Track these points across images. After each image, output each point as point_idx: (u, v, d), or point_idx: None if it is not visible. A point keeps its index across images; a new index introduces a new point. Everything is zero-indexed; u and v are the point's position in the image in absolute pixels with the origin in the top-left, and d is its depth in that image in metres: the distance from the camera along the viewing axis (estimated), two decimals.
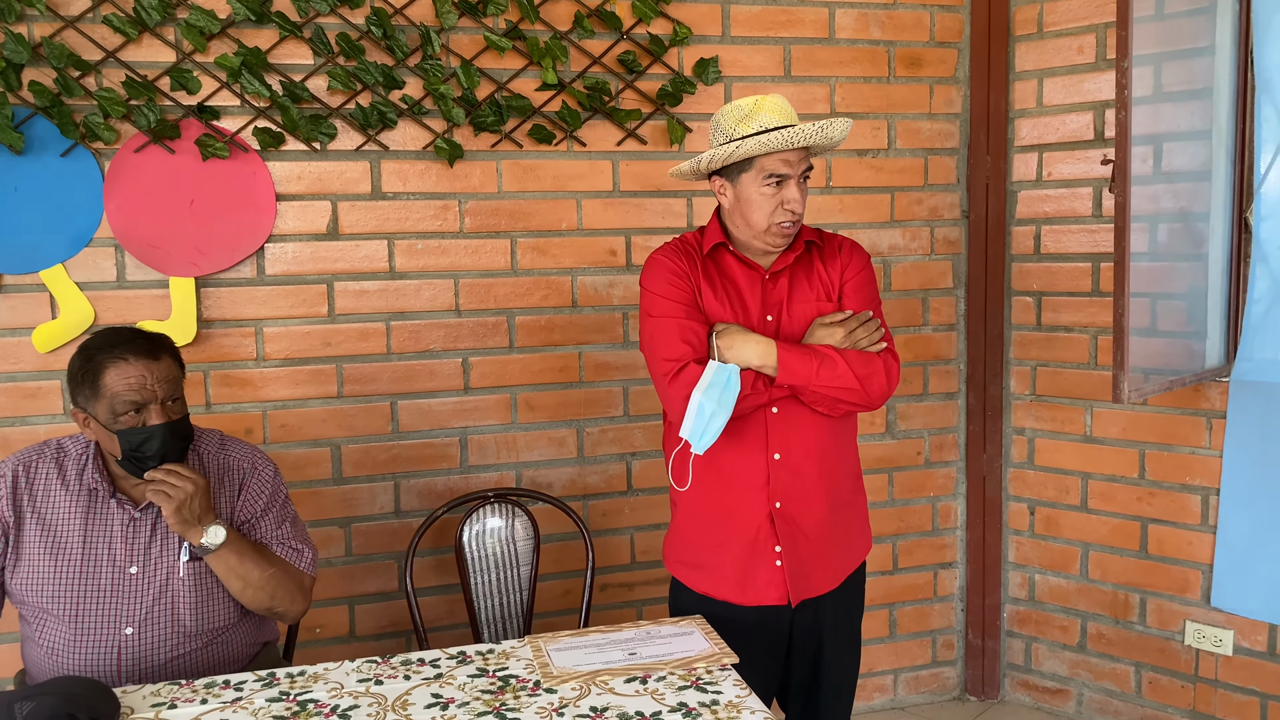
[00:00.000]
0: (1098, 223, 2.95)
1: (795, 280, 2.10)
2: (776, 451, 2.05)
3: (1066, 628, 3.14)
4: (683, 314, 2.02)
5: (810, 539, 2.09)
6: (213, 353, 2.60)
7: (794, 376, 1.96)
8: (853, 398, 2.00)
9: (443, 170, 2.71)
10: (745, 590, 2.08)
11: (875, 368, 2.01)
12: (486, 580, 2.49)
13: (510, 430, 2.82)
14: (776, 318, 2.08)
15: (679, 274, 2.05)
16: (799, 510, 2.08)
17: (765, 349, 1.97)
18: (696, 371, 1.95)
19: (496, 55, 2.70)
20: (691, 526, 2.15)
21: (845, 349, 2.00)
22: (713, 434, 1.93)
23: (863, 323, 2.05)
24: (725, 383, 1.92)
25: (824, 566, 2.12)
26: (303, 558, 2.08)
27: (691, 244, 2.13)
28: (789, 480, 2.07)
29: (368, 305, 2.69)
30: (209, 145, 2.51)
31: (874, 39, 3.01)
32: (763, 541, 2.07)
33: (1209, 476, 2.81)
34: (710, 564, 2.11)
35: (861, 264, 2.13)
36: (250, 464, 2.08)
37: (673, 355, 2.00)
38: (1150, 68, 2.54)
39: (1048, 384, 3.09)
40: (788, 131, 1.92)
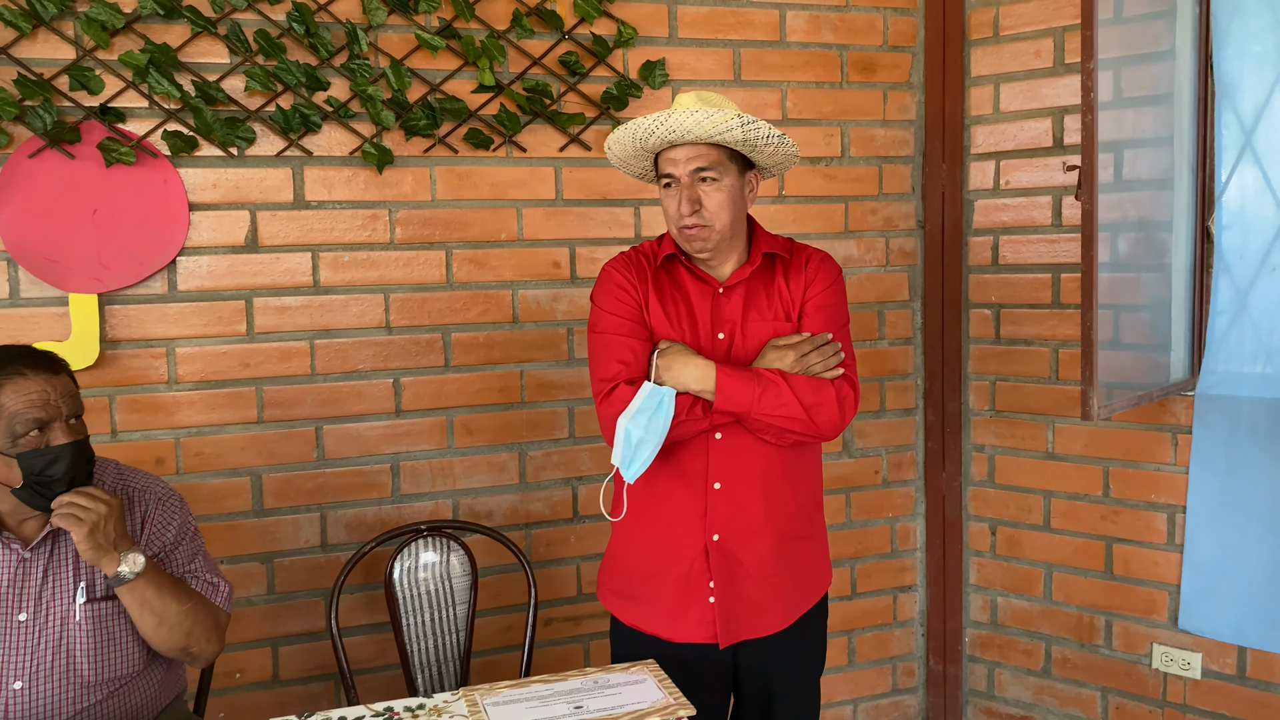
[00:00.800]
0: (1057, 232, 2.86)
1: (752, 296, 1.96)
2: (717, 481, 1.91)
3: (1030, 652, 3.03)
4: (624, 330, 1.89)
5: (752, 576, 1.95)
6: (119, 375, 2.38)
7: (732, 403, 1.83)
8: (799, 428, 1.86)
9: (371, 177, 2.52)
10: (675, 626, 1.95)
11: (825, 396, 1.86)
12: (420, 621, 2.30)
13: (446, 455, 2.64)
14: (729, 336, 1.94)
15: (625, 287, 1.92)
16: (740, 545, 1.93)
17: (704, 372, 1.83)
18: (627, 394, 1.82)
19: (429, 55, 2.52)
20: (625, 555, 2.02)
21: (795, 374, 1.86)
22: (642, 462, 1.79)
23: (817, 346, 1.90)
24: (656, 408, 1.79)
25: (766, 607, 1.97)
26: (219, 592, 1.89)
27: (646, 254, 2.00)
28: (729, 512, 1.93)
29: (290, 323, 2.50)
30: (113, 150, 2.30)
31: (826, 42, 2.89)
32: (696, 576, 1.93)
33: (1175, 494, 2.72)
34: (642, 595, 1.99)
35: (828, 281, 1.98)
36: (153, 494, 1.89)
37: (606, 375, 1.87)
38: (1110, 72, 2.44)
39: (1008, 399, 2.98)
40: (631, 125, 1.84)
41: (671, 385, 1.83)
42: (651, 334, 1.92)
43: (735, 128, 1.81)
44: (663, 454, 1.88)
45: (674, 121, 1.80)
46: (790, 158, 1.96)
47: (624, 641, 2.04)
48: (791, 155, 1.95)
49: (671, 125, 1.81)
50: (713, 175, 1.86)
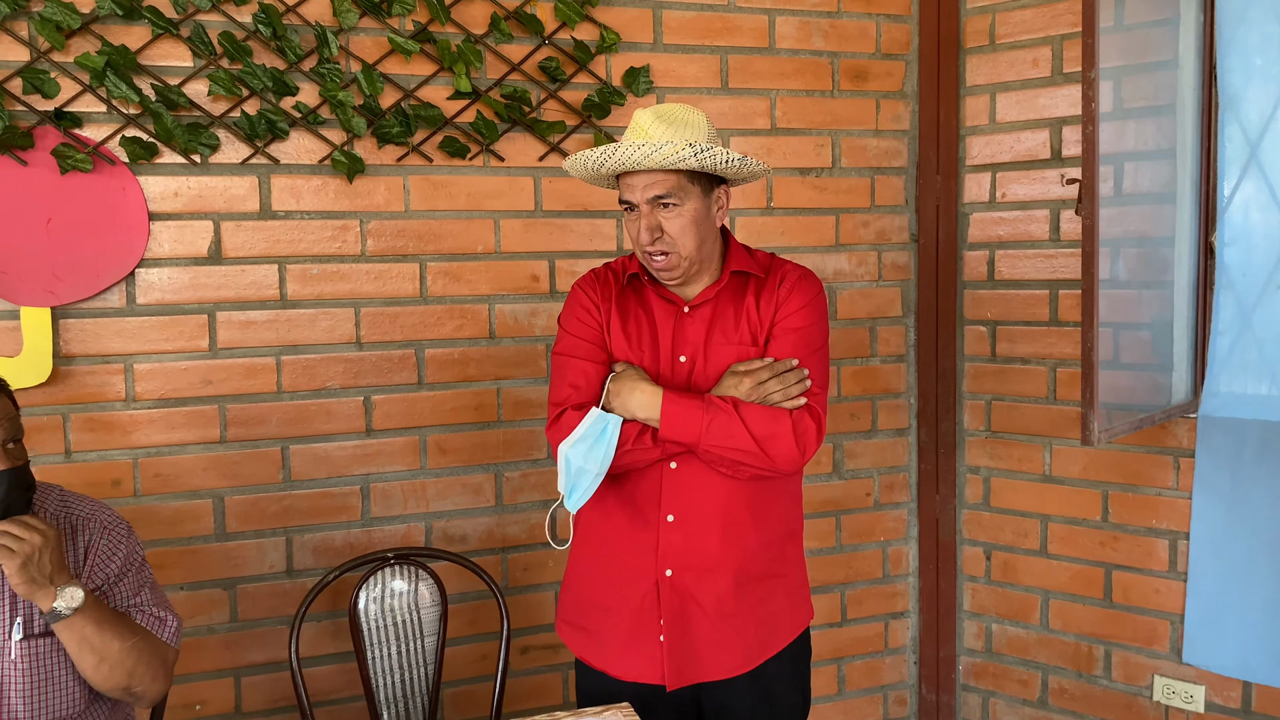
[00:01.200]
0: (1055, 247, 2.76)
1: (718, 317, 1.84)
2: (670, 513, 1.81)
3: (1026, 681, 2.92)
4: (581, 352, 1.82)
5: (709, 615, 1.83)
6: (73, 393, 2.27)
7: (677, 432, 1.73)
8: (751, 461, 1.74)
9: (341, 186, 2.42)
10: (626, 664, 1.86)
11: (781, 428, 1.74)
12: (386, 654, 2.19)
13: (419, 476, 2.53)
14: (691, 360, 1.83)
15: (588, 307, 1.86)
16: (695, 582, 1.83)
17: (650, 399, 1.74)
18: (573, 420, 1.74)
19: (403, 60, 2.42)
20: (579, 585, 1.95)
21: (749, 403, 1.74)
22: (582, 492, 1.72)
23: (778, 373, 1.77)
24: (599, 435, 1.70)
25: (726, 648, 1.85)
26: (166, 627, 1.78)
27: (615, 270, 1.92)
28: (683, 546, 1.82)
29: (255, 338, 2.39)
30: (68, 156, 2.19)
31: (817, 50, 2.79)
32: (647, 613, 1.84)
33: (1177, 519, 2.62)
34: (595, 629, 1.90)
35: (802, 301, 1.84)
36: (98, 522, 1.77)
37: (556, 399, 1.81)
38: (1110, 82, 2.35)
39: (1004, 419, 2.88)
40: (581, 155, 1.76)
41: (619, 412, 1.76)
42: (611, 356, 1.84)
43: (688, 158, 1.70)
44: (617, 483, 1.81)
45: (621, 155, 1.71)
46: (757, 174, 1.85)
47: (583, 677, 1.96)
48: (758, 173, 1.83)
49: (619, 159, 1.72)
50: (672, 201, 1.75)
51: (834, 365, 2.88)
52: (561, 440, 1.75)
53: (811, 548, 2.90)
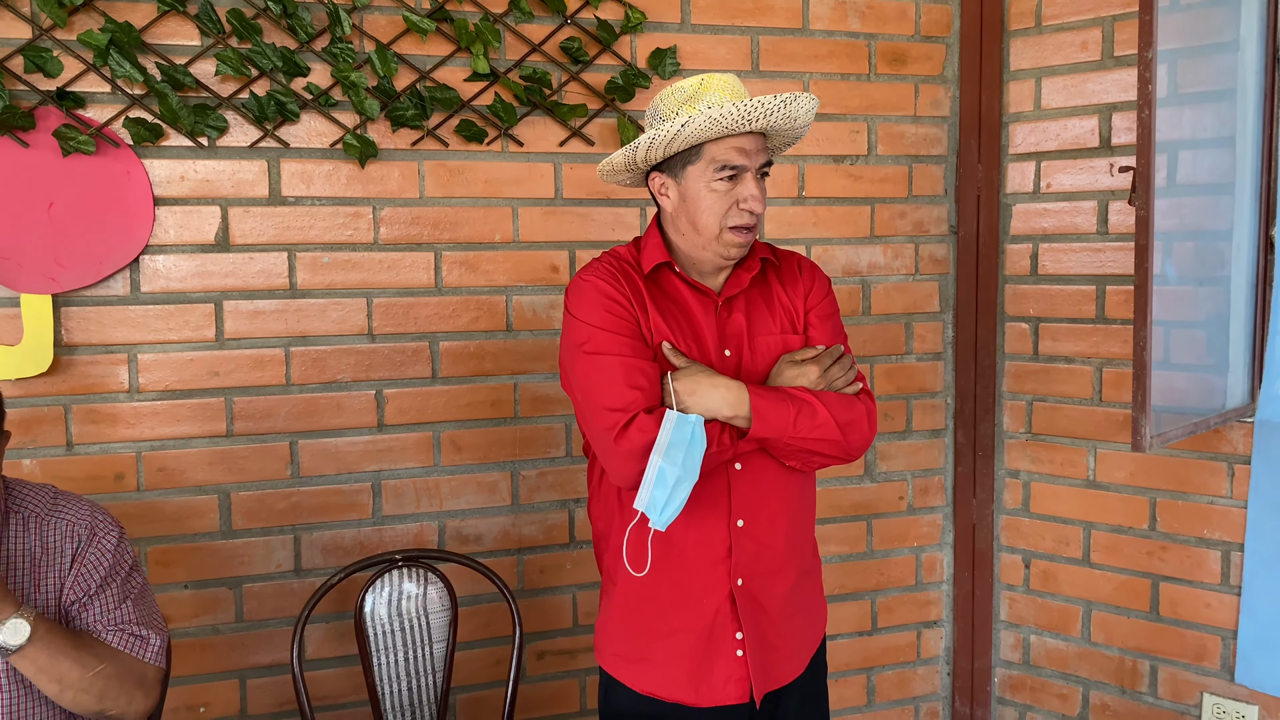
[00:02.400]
0: (1103, 240, 2.61)
1: (753, 307, 1.75)
2: (740, 518, 1.69)
3: (1066, 696, 2.78)
4: (629, 350, 1.63)
5: (774, 621, 1.74)
6: (75, 383, 2.19)
7: (770, 428, 1.61)
8: (833, 450, 1.66)
9: (354, 171, 2.32)
10: (700, 689, 1.71)
11: (857, 414, 1.67)
12: (393, 660, 2.10)
13: (432, 474, 2.43)
14: (736, 353, 1.72)
15: (618, 299, 1.68)
16: (762, 587, 1.72)
17: (737, 395, 1.61)
18: (649, 425, 1.56)
19: (418, 39, 2.32)
20: (634, 613, 1.76)
21: (821, 392, 1.66)
22: (677, 505, 1.55)
23: (835, 359, 1.71)
24: (690, 439, 1.54)
25: (789, 652, 1.77)
26: (147, 646, 1.68)
27: (629, 261, 1.76)
28: (754, 551, 1.71)
29: (263, 328, 2.30)
30: (71, 138, 2.11)
31: (853, 31, 2.66)
32: (721, 628, 1.71)
33: (1230, 530, 2.47)
34: (657, 657, 1.73)
35: (826, 288, 1.81)
36: (89, 529, 1.68)
37: (617, 404, 1.60)
38: (1165, 65, 2.20)
39: (1045, 421, 2.74)
40: (742, 105, 1.57)
41: (698, 411, 1.60)
42: (655, 353, 1.69)
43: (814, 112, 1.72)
44: None
45: (793, 109, 1.63)
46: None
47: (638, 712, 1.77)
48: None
49: (791, 111, 1.63)
50: (768, 171, 1.71)
51: (867, 363, 2.77)
52: (642, 449, 1.56)
53: (841, 553, 2.78)
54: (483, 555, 2.45)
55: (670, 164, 1.69)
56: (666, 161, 1.69)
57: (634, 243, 1.80)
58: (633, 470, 1.58)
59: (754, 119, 1.60)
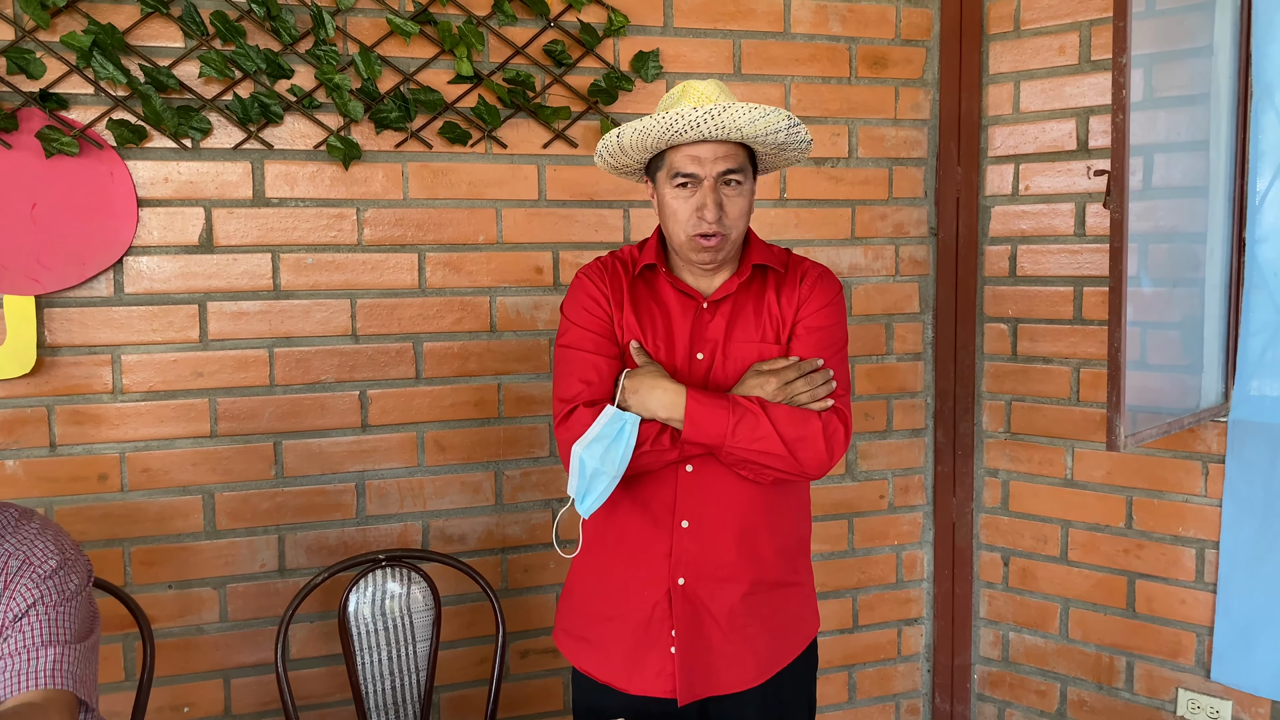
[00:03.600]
0: (1080, 242, 2.65)
1: (738, 313, 1.76)
2: (685, 519, 1.72)
3: (1044, 692, 2.81)
4: (590, 345, 1.71)
5: (721, 626, 1.75)
6: (58, 384, 2.20)
7: (702, 434, 1.63)
8: (778, 464, 1.66)
9: (338, 173, 2.33)
10: (631, 676, 1.76)
11: (811, 430, 1.66)
12: (376, 659, 2.11)
13: (416, 474, 2.45)
14: (709, 357, 1.74)
15: (596, 298, 1.74)
16: (708, 591, 1.74)
17: (673, 398, 1.64)
18: (586, 418, 1.64)
19: (402, 42, 2.33)
20: (582, 592, 1.84)
21: (776, 404, 1.66)
22: (596, 496, 1.62)
23: (805, 373, 1.70)
24: (615, 436, 1.60)
25: (738, 660, 1.77)
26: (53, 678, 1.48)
27: (625, 260, 1.81)
28: (698, 554, 1.73)
29: (247, 329, 2.31)
30: (54, 139, 2.12)
31: (834, 35, 2.69)
32: (658, 623, 1.74)
33: (1204, 528, 2.51)
34: (598, 640, 1.80)
35: (824, 300, 1.78)
36: (24, 557, 1.53)
37: (566, 394, 1.70)
38: (1141, 70, 2.23)
39: (1024, 421, 2.77)
40: (666, 115, 1.60)
41: (637, 410, 1.66)
42: (622, 351, 1.74)
43: (783, 129, 1.66)
44: (628, 486, 1.71)
45: (726, 118, 1.60)
46: (796, 162, 1.82)
47: (581, 690, 1.86)
48: (799, 160, 1.81)
49: (721, 122, 1.61)
50: (738, 179, 1.69)
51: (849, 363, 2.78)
52: (574, 440, 1.64)
53: (822, 551, 2.80)
54: (466, 555, 2.47)
55: (652, 169, 1.74)
56: (650, 165, 1.74)
57: (641, 243, 1.84)
58: (565, 457, 1.68)
59: (681, 128, 1.61)
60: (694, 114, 1.59)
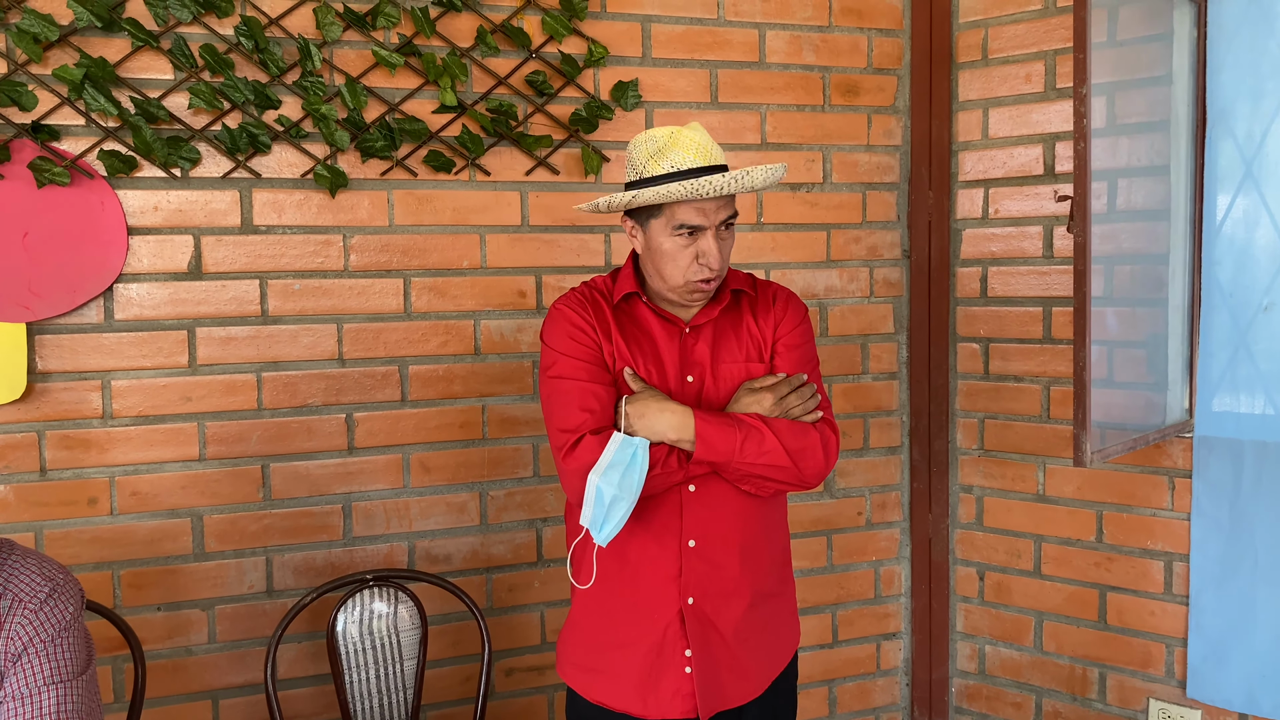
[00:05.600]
0: (1049, 264, 2.73)
1: (720, 336, 1.82)
2: (692, 538, 1.76)
3: (1020, 704, 2.87)
4: (585, 375, 1.73)
5: (727, 641, 1.79)
6: (49, 410, 2.23)
7: (714, 452, 1.68)
8: (784, 476, 1.72)
9: (324, 201, 2.38)
10: (647, 701, 1.78)
11: (810, 441, 1.73)
12: (364, 678, 2.14)
13: (402, 495, 2.49)
14: (698, 379, 1.79)
15: (583, 327, 1.77)
16: (715, 608, 1.78)
17: (682, 420, 1.68)
18: (594, 446, 1.65)
19: (387, 73, 2.39)
20: (588, 624, 1.84)
21: (775, 419, 1.72)
22: (615, 523, 1.63)
23: (795, 388, 1.77)
24: (629, 462, 1.62)
25: (743, 674, 1.81)
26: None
27: (601, 290, 1.85)
28: (705, 572, 1.77)
29: (235, 354, 2.35)
30: (46, 170, 2.16)
31: (808, 64, 2.77)
32: (671, 644, 1.77)
33: (1172, 540, 2.58)
34: (608, 668, 1.81)
35: (798, 319, 1.86)
36: (14, 593, 1.54)
37: (569, 425, 1.70)
38: (1104, 98, 2.32)
39: (997, 438, 2.84)
40: (694, 183, 1.65)
41: (645, 435, 1.68)
42: (615, 378, 1.77)
43: (776, 180, 1.77)
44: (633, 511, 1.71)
45: (750, 180, 1.69)
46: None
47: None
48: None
49: (748, 184, 1.69)
50: (732, 223, 1.77)
51: (826, 383, 2.85)
52: (585, 468, 1.64)
53: (802, 568, 2.85)
54: (452, 575, 2.51)
55: (638, 213, 1.76)
56: (635, 210, 1.77)
57: (612, 273, 1.88)
58: (577, 487, 1.67)
59: (707, 193, 1.67)
60: (723, 180, 1.65)
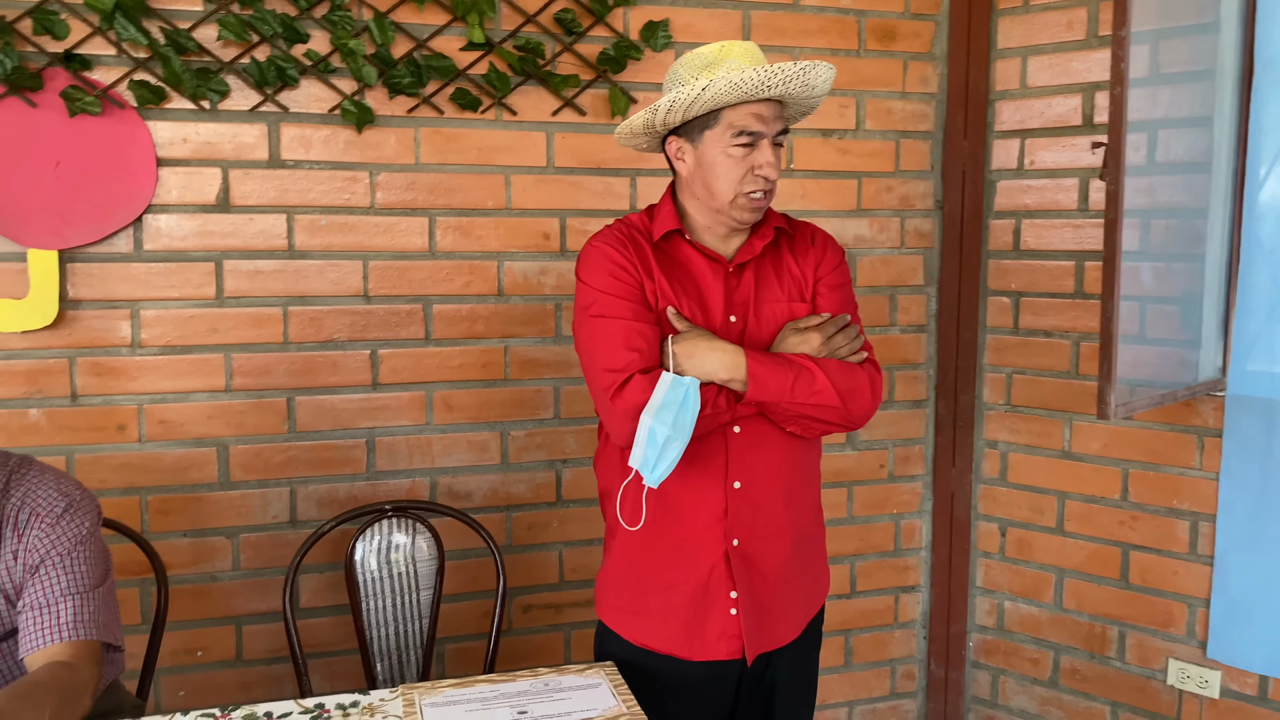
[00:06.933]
0: (1083, 217, 2.67)
1: (762, 275, 1.79)
2: (737, 480, 1.74)
3: (1037, 660, 2.86)
4: (630, 314, 1.68)
5: (770, 583, 1.79)
6: (80, 337, 2.28)
7: (767, 392, 1.65)
8: (833, 416, 1.70)
9: (351, 137, 2.39)
10: (693, 643, 1.77)
11: (859, 381, 1.71)
12: (381, 605, 2.18)
13: (425, 432, 2.51)
14: (741, 319, 1.77)
15: (624, 265, 1.72)
16: (759, 549, 1.77)
17: (733, 359, 1.66)
18: (644, 386, 1.62)
19: (415, 9, 2.38)
20: (631, 566, 1.83)
21: (824, 359, 1.70)
22: (668, 464, 1.61)
23: (841, 328, 1.75)
24: (682, 401, 1.59)
25: (784, 615, 1.82)
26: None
27: (639, 229, 1.80)
28: (750, 514, 1.76)
29: (262, 287, 2.37)
30: (77, 99, 2.18)
31: (843, 8, 2.71)
32: (716, 586, 1.76)
33: (1199, 500, 2.54)
34: (652, 611, 1.80)
35: (837, 259, 1.84)
36: (31, 507, 1.60)
37: (615, 364, 1.66)
38: (1147, 46, 2.25)
39: (1024, 393, 2.81)
40: (763, 70, 1.61)
41: (695, 374, 1.64)
42: (659, 317, 1.73)
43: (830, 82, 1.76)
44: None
45: (812, 76, 1.66)
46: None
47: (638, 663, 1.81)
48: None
49: (809, 79, 1.67)
50: (783, 139, 1.74)
51: None
52: (635, 408, 1.61)
53: None
54: (473, 511, 2.54)
55: (688, 128, 1.71)
56: (684, 126, 1.72)
57: (647, 210, 1.84)
58: (627, 429, 1.64)
59: (773, 85, 1.63)
60: (791, 69, 1.62)
